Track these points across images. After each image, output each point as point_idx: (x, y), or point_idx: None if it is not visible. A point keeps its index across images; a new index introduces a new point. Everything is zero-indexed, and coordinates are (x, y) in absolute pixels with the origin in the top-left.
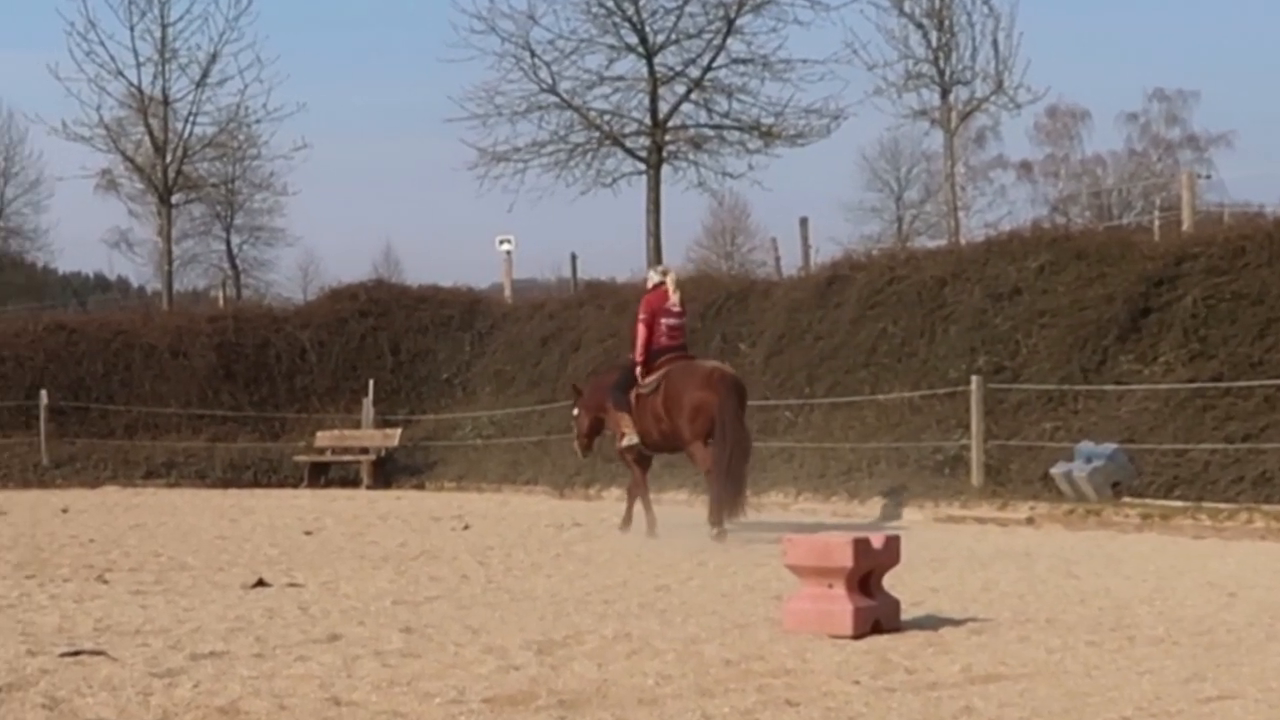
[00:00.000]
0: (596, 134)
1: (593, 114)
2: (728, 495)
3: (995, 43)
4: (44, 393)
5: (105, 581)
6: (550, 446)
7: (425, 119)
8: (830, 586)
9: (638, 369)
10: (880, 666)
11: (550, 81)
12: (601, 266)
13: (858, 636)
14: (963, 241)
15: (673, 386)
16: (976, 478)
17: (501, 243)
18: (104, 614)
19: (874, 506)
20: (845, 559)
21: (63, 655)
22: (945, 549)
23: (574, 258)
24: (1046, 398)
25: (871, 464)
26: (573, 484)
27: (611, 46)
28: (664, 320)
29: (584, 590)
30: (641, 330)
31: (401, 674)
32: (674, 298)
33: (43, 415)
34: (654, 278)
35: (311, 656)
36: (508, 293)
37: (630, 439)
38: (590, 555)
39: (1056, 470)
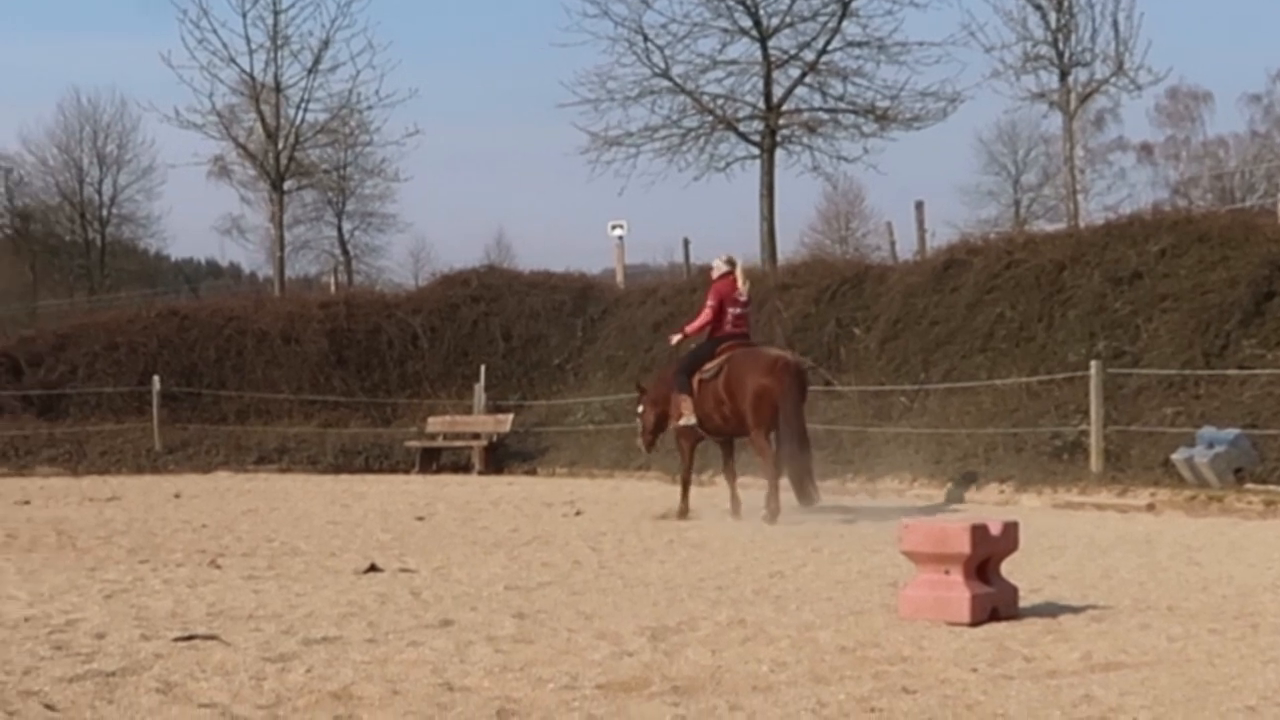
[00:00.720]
0: (710, 118)
1: (706, 98)
2: (800, 483)
3: (1115, 23)
4: (157, 379)
5: (218, 566)
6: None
7: (537, 104)
8: (947, 573)
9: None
10: (998, 654)
11: (663, 66)
12: (714, 251)
13: (975, 624)
14: (1082, 225)
15: (736, 372)
16: (1095, 464)
17: (614, 228)
18: (217, 599)
19: (990, 492)
20: (963, 545)
21: (176, 640)
22: (1064, 535)
23: (686, 243)
24: (1167, 383)
25: (988, 450)
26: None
27: (725, 30)
28: (731, 309)
29: (697, 576)
30: (707, 313)
31: (514, 659)
32: (742, 287)
33: (155, 401)
34: (721, 266)
35: (424, 641)
36: (620, 278)
37: (688, 419)
38: (703, 541)
39: (1178, 456)
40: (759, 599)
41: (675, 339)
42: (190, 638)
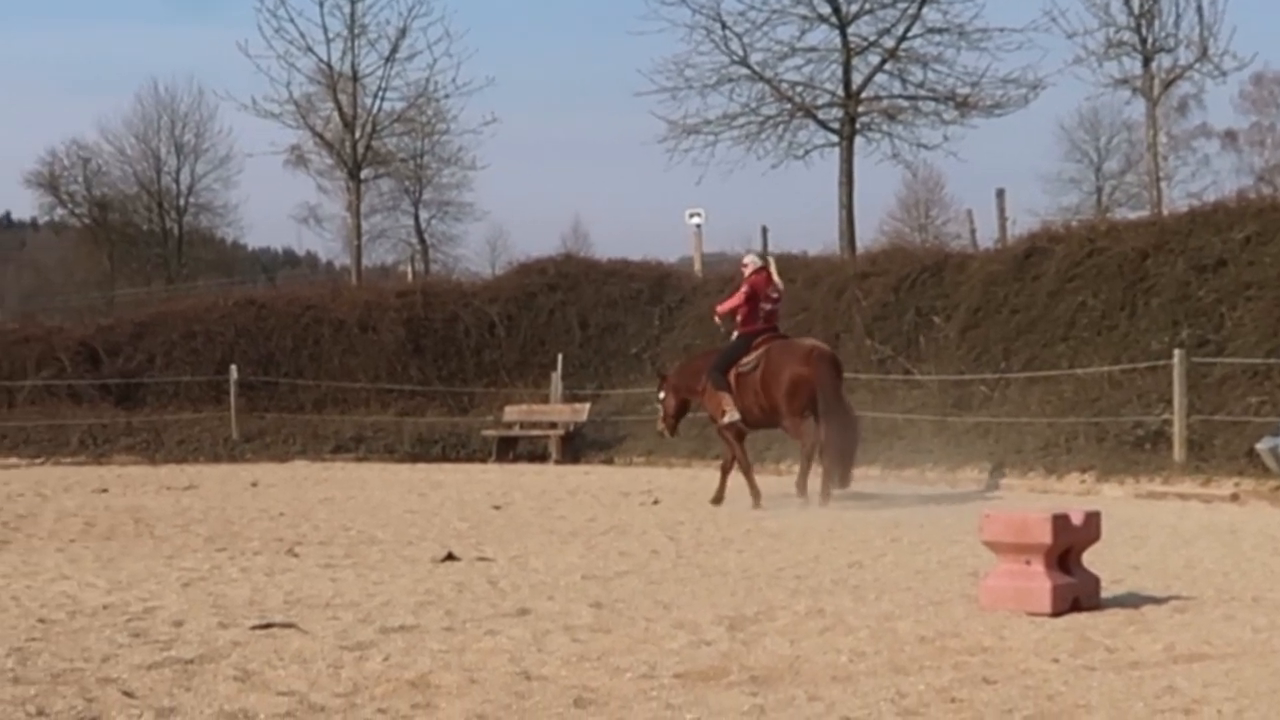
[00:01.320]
0: (788, 106)
1: (784, 86)
2: (837, 468)
3: (1199, 8)
4: (234, 368)
5: (295, 555)
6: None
7: (614, 92)
8: (1028, 563)
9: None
10: (1080, 645)
11: (741, 53)
12: (792, 240)
13: (1056, 614)
14: (1165, 212)
15: (772, 363)
16: (1179, 453)
17: (691, 216)
18: (294, 587)
19: (1072, 482)
20: (1044, 535)
21: (254, 628)
22: (1146, 526)
23: (764, 231)
24: (1252, 371)
25: (1070, 439)
26: (763, 460)
27: (804, 17)
28: (764, 304)
29: (776, 565)
30: (739, 297)
31: (592, 649)
32: (776, 281)
33: (233, 390)
34: (755, 262)
35: (501, 630)
36: (697, 266)
37: (732, 415)
38: (781, 531)
39: (1262, 445)
40: (838, 589)
41: (722, 308)
42: (268, 626)
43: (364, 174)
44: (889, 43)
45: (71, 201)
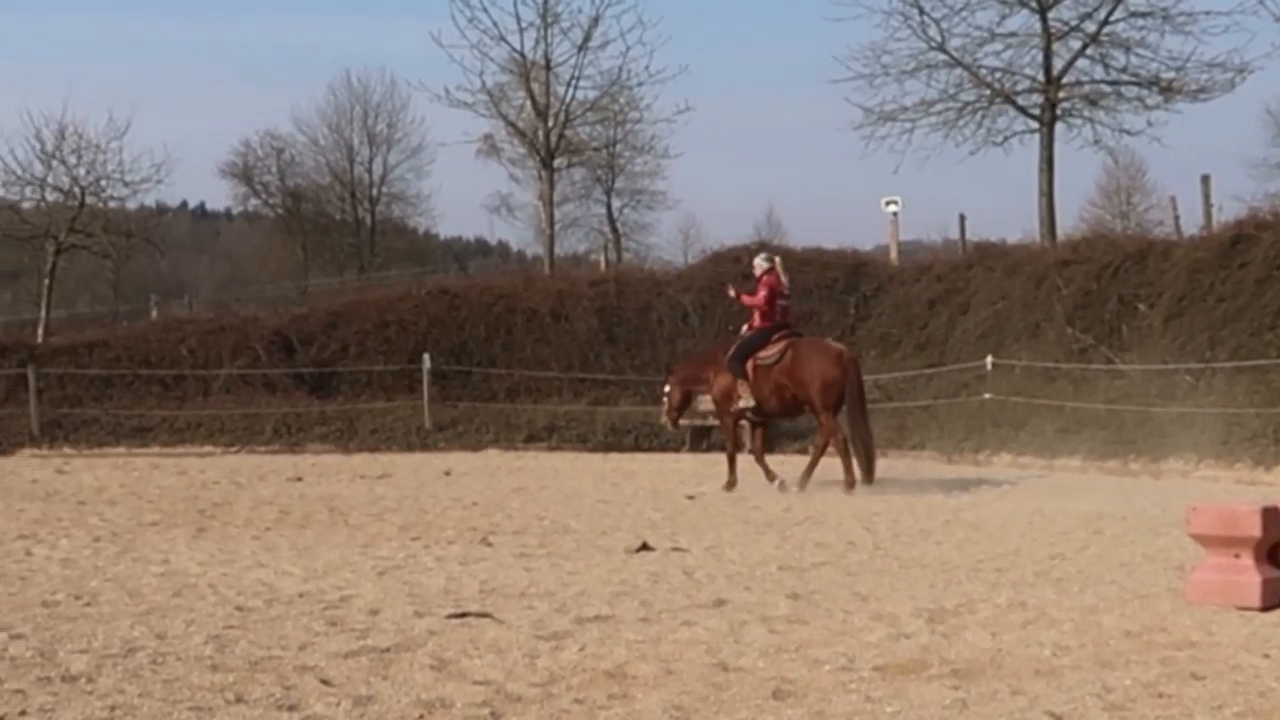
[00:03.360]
0: (987, 92)
1: (983, 71)
2: (866, 458)
3: None
4: (427, 357)
5: (489, 544)
6: (938, 411)
7: (809, 79)
8: (1237, 557)
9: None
10: None
11: (939, 39)
12: (990, 228)
13: (1266, 609)
14: None
15: (805, 363)
16: None
17: (888, 204)
18: (489, 576)
19: None
20: (1253, 528)
21: (449, 617)
22: None
23: (962, 219)
24: None
25: (1279, 430)
26: (961, 449)
27: (1003, 2)
28: (779, 302)
29: (975, 557)
30: (762, 299)
31: (789, 640)
32: (784, 281)
33: (426, 379)
34: (764, 264)
35: (697, 621)
36: (894, 254)
37: (746, 402)
38: (980, 522)
39: None
40: (1040, 581)
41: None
42: (463, 615)
43: (556, 163)
44: (1091, 27)
45: (265, 192)
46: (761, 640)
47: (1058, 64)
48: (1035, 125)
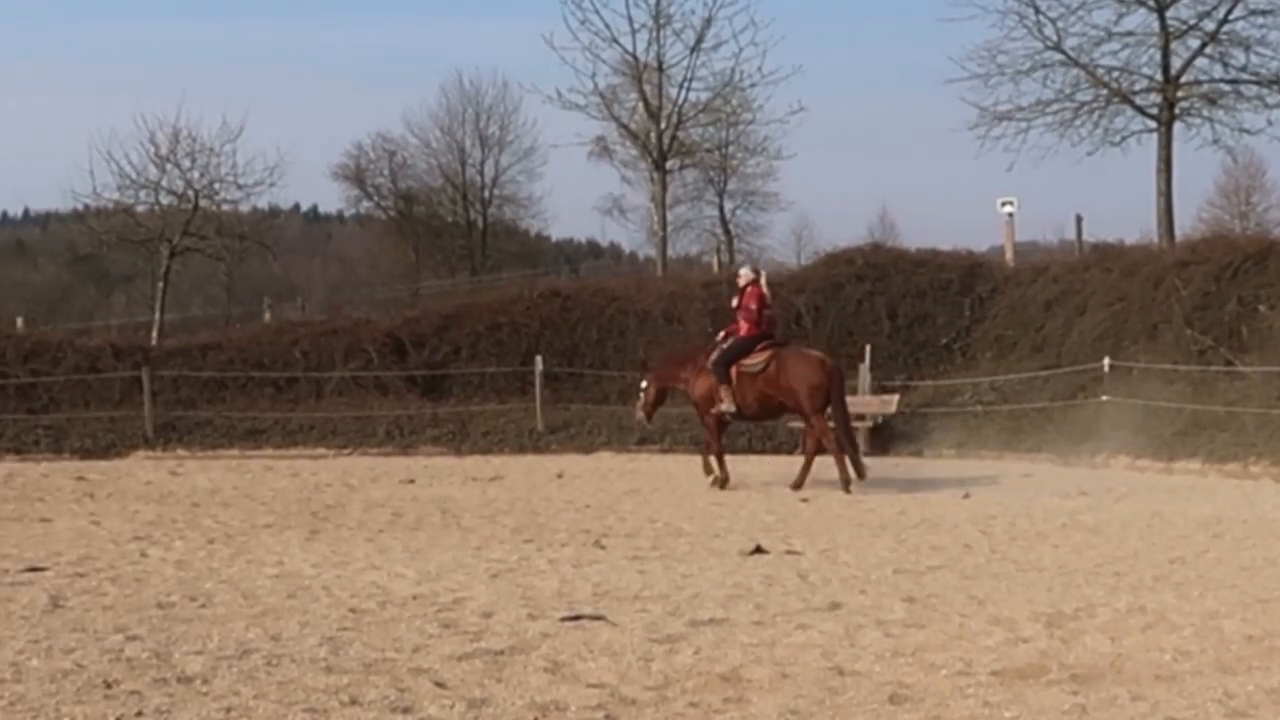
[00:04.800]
0: (1104, 91)
1: (1100, 71)
2: (856, 457)
3: None
4: (539, 359)
5: (602, 547)
6: (1054, 414)
7: (923, 79)
8: None
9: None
10: None
11: (1055, 39)
12: (1107, 228)
13: None
14: None
15: (790, 369)
16: None
17: (1003, 205)
18: (602, 579)
19: None
20: None
21: (563, 620)
22: None
23: (1079, 219)
24: None
25: None
26: (1078, 451)
27: (1120, 1)
28: (766, 310)
29: (1093, 561)
30: (753, 314)
31: (905, 644)
32: (766, 292)
33: (538, 381)
34: (749, 275)
35: (812, 625)
36: (1009, 256)
37: (728, 407)
38: (1098, 525)
39: None
40: (1159, 585)
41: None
42: (577, 618)
43: (669, 165)
44: (1210, 25)
45: (377, 194)
46: (877, 644)
47: (1176, 63)
48: (1153, 125)
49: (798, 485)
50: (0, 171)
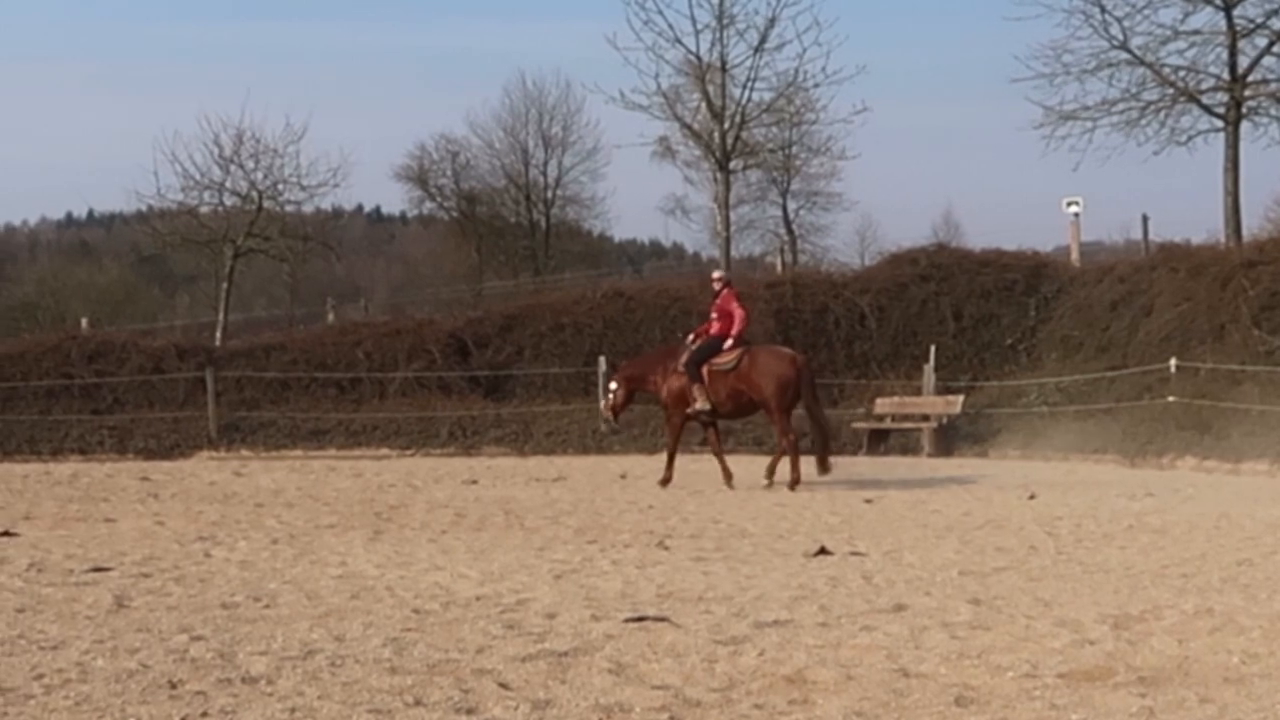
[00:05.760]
0: (1170, 91)
1: (1166, 70)
2: (827, 450)
3: None
4: (602, 359)
5: (666, 548)
6: (1120, 414)
7: (987, 79)
8: None
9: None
10: None
11: (1121, 38)
12: (1174, 228)
13: None
14: None
15: (761, 365)
16: None
17: (1069, 205)
18: (666, 580)
19: None
20: None
21: (627, 621)
22: None
23: (1145, 219)
24: None
25: None
26: (1144, 453)
27: None
28: (739, 312)
29: (1160, 563)
30: (744, 313)
31: (971, 646)
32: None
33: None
34: (724, 276)
35: (877, 626)
36: (1075, 256)
37: (703, 404)
38: (1165, 527)
39: None
40: (1227, 587)
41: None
42: (641, 619)
43: (732, 165)
44: (1277, 24)
45: (440, 195)
46: (943, 646)
47: (1243, 62)
48: (1220, 124)
49: (768, 479)
50: (65, 173)
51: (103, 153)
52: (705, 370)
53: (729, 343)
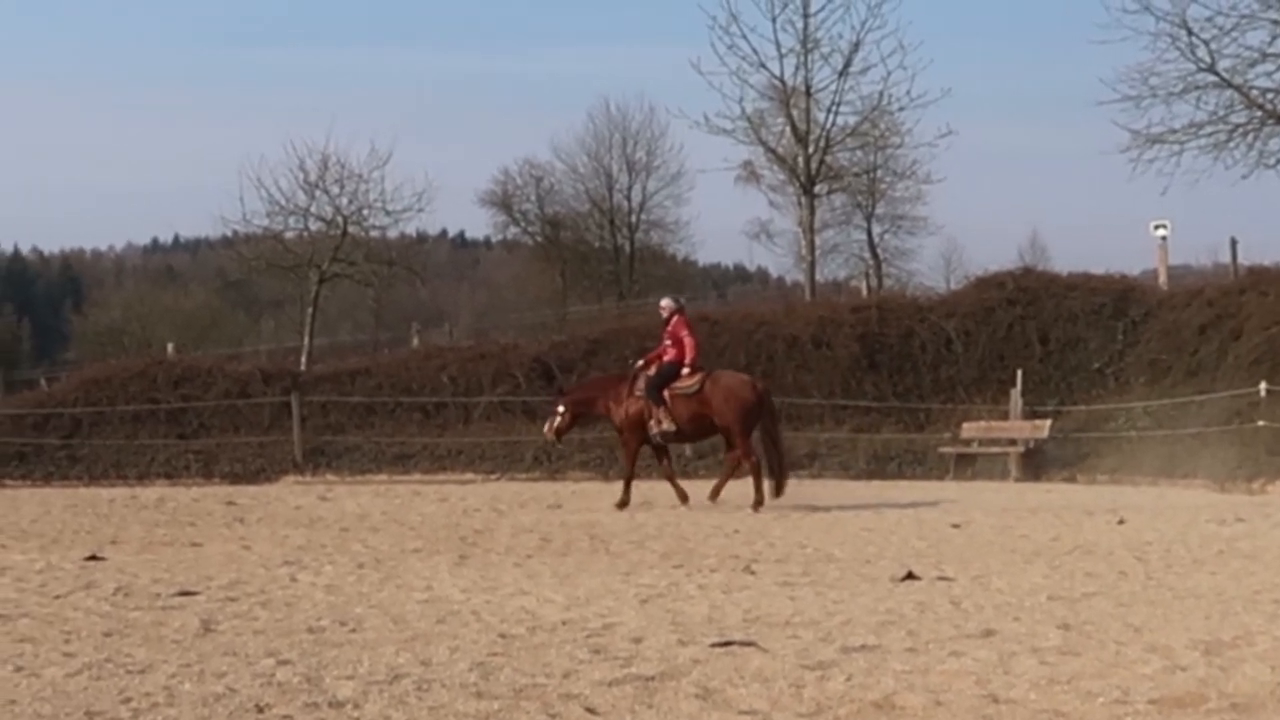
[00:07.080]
0: (1259, 113)
1: (1255, 92)
2: (784, 474)
3: None
4: None
5: (752, 572)
6: (1210, 439)
7: (1073, 102)
8: None
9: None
10: None
11: (1209, 60)
12: (1264, 252)
13: None
14: None
15: (722, 389)
16: None
17: (1156, 228)
18: (752, 605)
19: None
20: None
21: (713, 646)
22: None
23: (1234, 242)
24: None
25: None
26: (1235, 477)
27: (1275, 22)
28: (690, 339)
29: (1252, 588)
30: (694, 341)
31: (1061, 672)
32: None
33: None
34: (673, 304)
35: (966, 652)
36: (1162, 279)
37: (668, 427)
38: (1256, 552)
39: None
40: None
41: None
42: (728, 644)
43: (817, 189)
44: None
45: (524, 220)
46: (1032, 672)
47: None
48: None
49: (714, 494)
50: (152, 198)
51: (189, 178)
52: (667, 394)
53: (686, 370)
